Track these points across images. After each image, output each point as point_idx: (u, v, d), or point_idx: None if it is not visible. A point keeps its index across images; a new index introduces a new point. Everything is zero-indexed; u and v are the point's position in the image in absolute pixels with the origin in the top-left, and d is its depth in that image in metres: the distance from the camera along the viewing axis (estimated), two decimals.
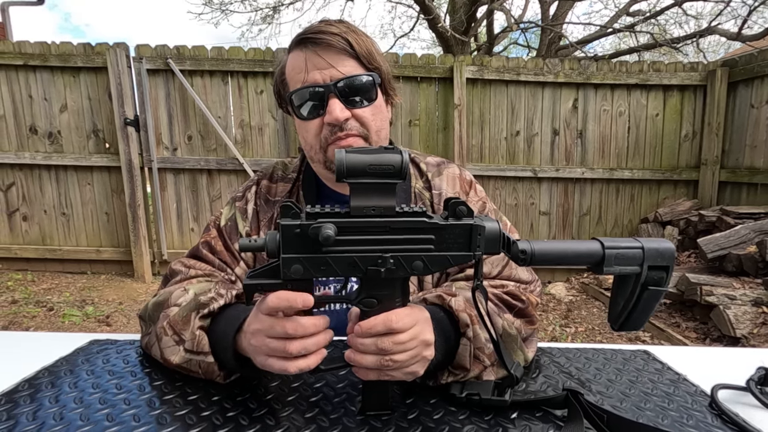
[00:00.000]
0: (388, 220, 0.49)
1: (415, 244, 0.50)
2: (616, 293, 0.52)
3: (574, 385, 0.64)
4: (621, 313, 0.52)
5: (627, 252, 0.49)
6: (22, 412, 0.54)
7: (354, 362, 0.53)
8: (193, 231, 4.00)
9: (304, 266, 0.49)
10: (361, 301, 0.52)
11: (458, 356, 0.61)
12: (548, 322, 3.19)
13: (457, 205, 0.50)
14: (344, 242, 0.49)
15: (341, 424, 0.54)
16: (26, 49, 3.70)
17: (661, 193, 4.05)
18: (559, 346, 0.79)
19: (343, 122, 0.72)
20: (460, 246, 0.50)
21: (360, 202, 0.49)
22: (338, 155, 0.47)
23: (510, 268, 0.77)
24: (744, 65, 3.69)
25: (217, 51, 3.78)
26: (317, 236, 0.46)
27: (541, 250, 0.49)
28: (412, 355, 0.53)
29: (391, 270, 0.49)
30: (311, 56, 0.72)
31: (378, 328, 0.51)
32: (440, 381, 0.61)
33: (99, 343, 0.76)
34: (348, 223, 0.49)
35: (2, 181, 3.90)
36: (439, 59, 3.88)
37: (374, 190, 0.48)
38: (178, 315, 0.63)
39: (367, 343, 0.51)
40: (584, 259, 0.50)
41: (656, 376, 0.68)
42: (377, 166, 0.47)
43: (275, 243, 0.49)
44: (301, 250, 0.49)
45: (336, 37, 0.71)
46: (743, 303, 2.57)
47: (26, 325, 2.92)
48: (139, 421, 0.53)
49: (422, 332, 0.54)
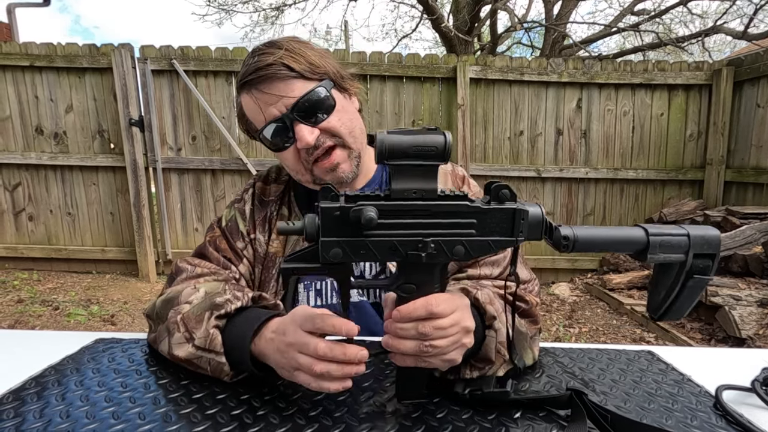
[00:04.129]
0: (430, 204, 0.48)
1: (456, 228, 0.49)
2: (658, 282, 0.51)
3: (577, 385, 0.64)
4: (662, 302, 0.51)
5: (672, 239, 0.48)
6: (29, 409, 0.55)
7: (392, 348, 0.52)
8: (197, 231, 4.01)
9: (344, 250, 0.48)
10: (400, 286, 0.51)
11: (484, 348, 0.61)
12: (552, 322, 3.18)
13: (500, 189, 0.49)
14: (384, 226, 0.47)
15: (344, 422, 0.54)
16: (32, 50, 3.73)
17: (665, 193, 4.03)
18: (563, 346, 0.79)
19: (314, 143, 0.73)
20: (502, 231, 0.49)
21: (401, 185, 0.47)
22: (380, 136, 0.46)
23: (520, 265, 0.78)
24: (750, 64, 3.66)
25: (221, 52, 3.80)
26: (358, 219, 0.45)
27: (584, 236, 0.48)
28: (452, 342, 0.52)
29: (431, 255, 0.48)
30: (259, 96, 0.73)
31: (418, 312, 0.50)
32: (464, 375, 0.61)
33: (105, 342, 0.76)
34: (388, 206, 0.47)
35: (8, 181, 3.93)
36: (442, 59, 3.88)
37: (415, 173, 0.47)
38: (191, 312, 0.64)
39: (407, 328, 0.51)
40: (627, 246, 0.49)
41: (660, 376, 0.68)
42: (420, 147, 0.46)
43: (314, 226, 0.47)
44: (341, 234, 0.47)
45: (272, 67, 0.71)
46: (749, 304, 2.55)
47: (32, 324, 2.95)
48: (144, 419, 0.53)
49: (463, 318, 0.53)
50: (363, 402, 0.59)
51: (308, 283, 0.84)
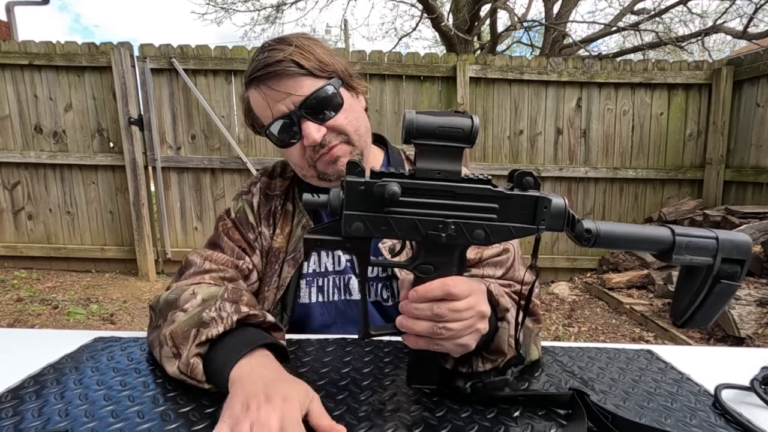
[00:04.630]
0: (453, 185, 0.49)
1: (478, 212, 0.49)
2: (683, 287, 0.49)
3: (577, 383, 0.64)
4: (687, 308, 0.49)
5: (700, 241, 0.47)
6: (27, 408, 0.55)
7: (406, 328, 0.52)
8: (196, 230, 4.01)
9: (366, 224, 0.49)
10: (417, 267, 0.52)
11: (497, 339, 0.61)
12: (551, 321, 3.18)
13: (523, 176, 0.49)
14: (407, 204, 0.48)
15: (344, 420, 0.54)
16: (31, 48, 3.73)
17: (665, 192, 4.03)
18: (562, 345, 0.79)
19: (321, 140, 0.73)
20: (523, 218, 0.49)
21: (426, 165, 0.48)
22: (408, 116, 0.46)
23: (514, 269, 0.78)
24: (750, 64, 3.67)
25: (220, 50, 3.79)
26: (382, 194, 0.46)
27: (607, 231, 0.47)
28: (467, 325, 0.52)
29: (451, 236, 0.49)
30: (267, 92, 0.73)
31: (435, 293, 0.50)
32: (477, 368, 0.61)
33: (104, 341, 0.76)
34: (412, 185, 0.48)
35: (8, 180, 3.93)
36: (442, 58, 3.88)
37: (441, 154, 0.48)
38: (179, 328, 0.61)
39: (423, 308, 0.51)
40: (652, 245, 0.48)
41: (659, 375, 0.68)
42: (447, 128, 0.47)
43: (338, 200, 0.49)
44: (364, 209, 0.48)
45: (282, 63, 0.71)
46: (748, 303, 2.56)
47: (31, 323, 2.95)
48: (143, 417, 0.53)
49: (479, 303, 0.53)
50: (362, 400, 0.58)
51: (310, 280, 0.84)
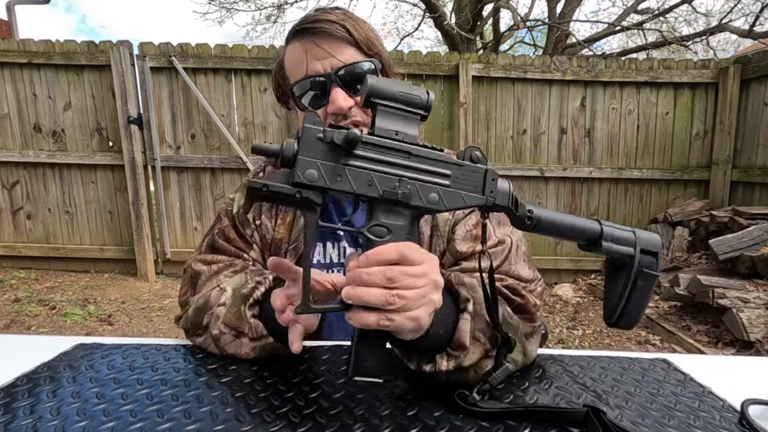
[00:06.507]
0: (410, 146, 0.50)
1: (432, 176, 0.50)
2: (612, 285, 0.54)
3: (591, 398, 0.59)
4: (618, 304, 0.53)
5: (622, 233, 0.53)
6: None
7: (354, 298, 0.47)
8: (196, 230, 3.97)
9: (320, 173, 0.46)
10: (371, 228, 0.49)
11: (458, 332, 0.56)
12: (555, 323, 3.13)
13: (472, 150, 0.52)
14: (364, 159, 0.48)
15: (339, 420, 0.50)
16: (30, 47, 3.70)
17: (671, 193, 3.97)
18: (572, 354, 0.74)
19: (346, 110, 0.71)
20: (474, 189, 0.51)
21: (385, 125, 0.49)
22: (371, 80, 0.48)
23: (509, 263, 0.73)
24: (757, 62, 3.61)
25: (220, 49, 3.75)
26: (341, 141, 0.46)
27: (547, 217, 0.51)
28: (421, 294, 0.48)
29: (407, 195, 0.48)
30: (310, 47, 0.71)
31: (389, 255, 0.47)
32: (440, 367, 0.56)
33: (85, 348, 0.72)
34: (371, 140, 0.48)
35: (6, 180, 3.90)
36: (444, 57, 3.83)
37: (400, 117, 0.50)
38: (229, 314, 0.66)
39: (374, 272, 0.46)
40: (584, 235, 0.52)
41: (679, 388, 0.63)
42: (406, 93, 0.49)
43: (292, 149, 0.46)
44: (320, 158, 0.47)
45: (334, 24, 0.71)
46: (757, 306, 2.50)
47: (28, 324, 2.91)
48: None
49: (433, 271, 0.50)
50: (359, 399, 0.56)
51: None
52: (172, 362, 0.67)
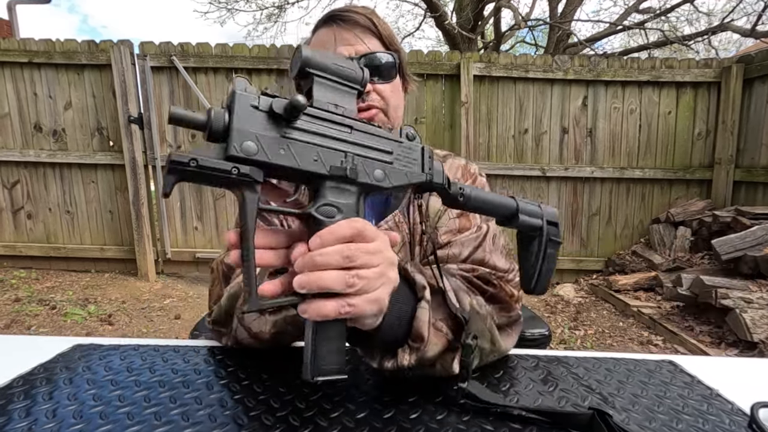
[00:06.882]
0: (353, 120, 0.47)
1: (376, 152, 0.49)
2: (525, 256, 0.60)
3: (596, 400, 0.58)
4: (533, 271, 0.59)
5: (531, 207, 0.58)
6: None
7: (310, 285, 0.41)
8: (196, 230, 3.97)
9: (260, 145, 0.40)
10: (320, 209, 0.44)
11: (416, 322, 0.53)
12: (557, 324, 3.12)
13: (407, 128, 0.52)
14: (307, 132, 0.44)
15: (340, 423, 0.49)
16: (31, 46, 3.69)
17: (673, 192, 3.96)
18: (576, 355, 0.73)
19: (365, 94, 0.74)
20: (414, 166, 0.51)
21: (323, 97, 0.46)
22: (305, 50, 0.45)
23: (483, 251, 0.73)
24: (760, 61, 3.59)
25: (221, 48, 3.74)
26: (283, 109, 0.41)
27: (476, 195, 0.55)
28: (379, 273, 0.45)
29: (354, 170, 0.46)
30: (339, 32, 0.77)
31: (344, 231, 0.43)
32: (401, 361, 0.53)
33: (82, 349, 0.71)
34: (314, 112, 0.45)
35: (7, 179, 3.90)
36: (446, 56, 3.82)
37: (337, 91, 0.48)
38: None
39: (330, 252, 0.42)
40: (506, 209, 0.57)
41: (686, 390, 0.62)
42: (341, 65, 0.47)
43: (222, 117, 0.40)
44: (257, 130, 0.41)
45: (362, 16, 0.77)
46: (760, 306, 2.48)
47: (28, 324, 2.91)
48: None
49: (386, 247, 0.47)
50: (360, 402, 0.55)
51: None
52: (170, 363, 0.66)
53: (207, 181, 0.40)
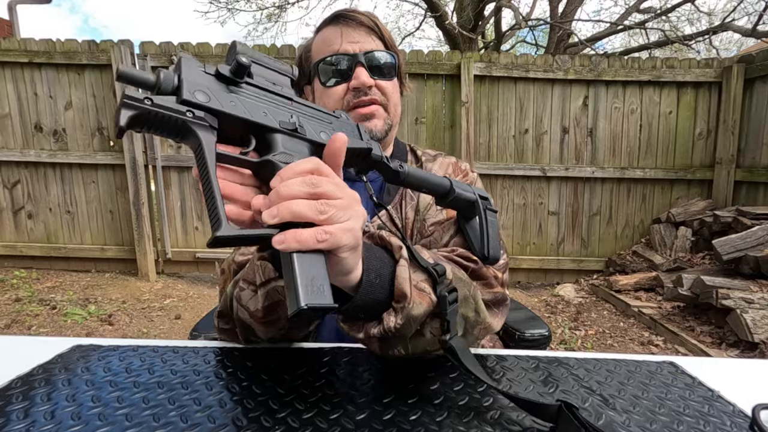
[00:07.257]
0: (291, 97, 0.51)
1: (317, 120, 0.52)
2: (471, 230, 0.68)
3: (598, 402, 0.58)
4: (482, 242, 0.66)
5: (464, 185, 0.67)
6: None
7: (281, 213, 0.41)
8: (197, 230, 3.97)
9: (211, 95, 0.42)
10: (277, 155, 0.45)
11: (397, 279, 0.52)
12: (557, 324, 3.11)
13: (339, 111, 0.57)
14: (253, 95, 0.47)
15: (340, 425, 0.49)
16: (31, 46, 3.69)
17: (674, 192, 3.95)
18: (577, 356, 0.73)
19: (368, 88, 0.80)
20: (354, 136, 0.55)
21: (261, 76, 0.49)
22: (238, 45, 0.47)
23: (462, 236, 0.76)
24: (761, 61, 3.58)
25: (221, 48, 3.74)
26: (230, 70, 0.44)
27: (414, 172, 0.61)
28: (346, 204, 0.44)
29: (303, 128, 0.49)
30: (345, 30, 0.81)
31: (305, 165, 0.43)
32: (388, 324, 0.52)
33: (81, 349, 0.71)
34: (255, 82, 0.48)
35: (7, 179, 3.90)
36: (446, 56, 3.82)
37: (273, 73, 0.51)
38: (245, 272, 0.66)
39: (295, 182, 0.42)
40: (442, 187, 0.64)
41: (687, 392, 0.62)
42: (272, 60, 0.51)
43: (172, 77, 0.41)
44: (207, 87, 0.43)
45: (366, 18, 0.82)
46: (761, 307, 2.48)
47: (29, 324, 2.91)
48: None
49: (346, 186, 0.47)
50: (360, 404, 0.55)
51: None
52: (169, 364, 0.66)
53: (162, 126, 0.40)
